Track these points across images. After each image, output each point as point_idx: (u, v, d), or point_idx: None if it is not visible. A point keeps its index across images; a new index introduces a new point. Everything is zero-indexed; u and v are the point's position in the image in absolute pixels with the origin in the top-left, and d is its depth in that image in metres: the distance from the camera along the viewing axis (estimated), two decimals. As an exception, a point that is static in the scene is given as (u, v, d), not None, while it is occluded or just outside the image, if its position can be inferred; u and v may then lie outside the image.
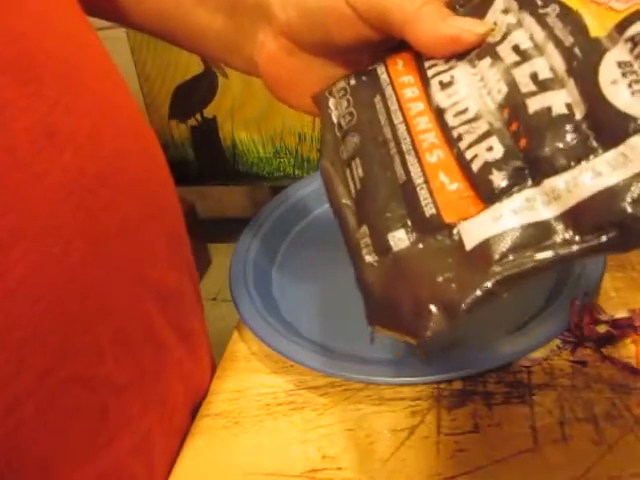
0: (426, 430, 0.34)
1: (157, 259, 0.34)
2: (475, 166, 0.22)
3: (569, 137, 0.20)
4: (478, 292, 0.19)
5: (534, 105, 0.22)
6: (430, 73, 0.27)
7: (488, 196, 0.21)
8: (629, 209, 0.18)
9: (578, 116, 0.21)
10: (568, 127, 0.21)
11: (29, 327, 0.25)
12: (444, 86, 0.26)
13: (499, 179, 0.21)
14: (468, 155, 0.23)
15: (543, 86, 0.22)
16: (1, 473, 0.26)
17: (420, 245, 0.22)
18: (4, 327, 0.24)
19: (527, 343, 0.35)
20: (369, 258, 0.23)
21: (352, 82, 0.30)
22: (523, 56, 0.23)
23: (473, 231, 0.21)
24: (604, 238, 0.18)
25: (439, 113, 0.25)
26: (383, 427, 0.34)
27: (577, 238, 0.19)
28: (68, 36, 0.29)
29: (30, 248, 0.25)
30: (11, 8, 0.25)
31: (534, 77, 0.22)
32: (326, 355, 0.38)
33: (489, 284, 0.19)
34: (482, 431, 0.33)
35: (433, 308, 0.20)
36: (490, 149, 0.22)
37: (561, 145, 0.20)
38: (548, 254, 0.19)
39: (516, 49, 0.24)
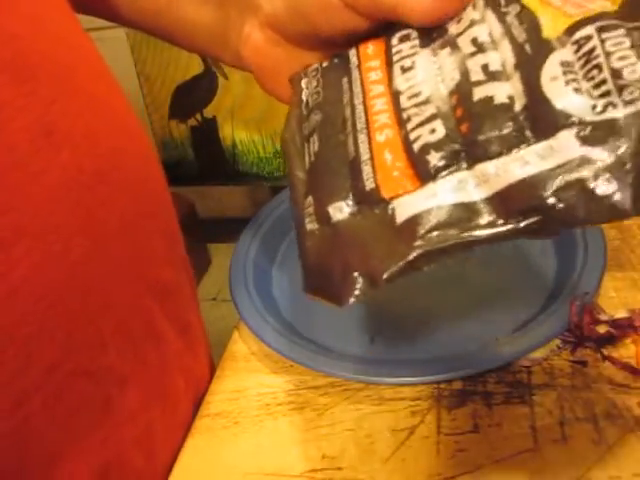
0: (426, 430, 0.34)
1: (155, 255, 0.34)
2: (416, 146, 0.23)
3: (506, 126, 0.21)
4: (400, 263, 0.20)
5: (479, 93, 0.23)
6: (395, 58, 0.27)
7: (424, 175, 0.22)
8: (549, 197, 0.19)
9: (517, 107, 0.21)
10: (506, 116, 0.21)
11: (35, 323, 0.25)
12: (404, 70, 0.26)
13: (435, 159, 0.22)
14: (412, 136, 0.23)
15: (491, 77, 0.23)
16: (9, 467, 0.26)
17: (358, 217, 0.23)
18: (11, 324, 0.24)
19: (527, 343, 0.35)
20: (310, 226, 0.24)
21: (325, 64, 0.31)
22: (480, 48, 0.24)
23: (406, 207, 0.22)
24: (525, 223, 0.19)
25: (396, 95, 0.26)
26: (383, 427, 0.34)
27: (500, 221, 0.20)
28: (60, 38, 0.29)
29: (32, 246, 0.25)
30: (3, 9, 0.25)
31: (485, 68, 0.23)
32: (326, 355, 0.38)
33: (410, 257, 0.20)
34: (482, 431, 0.33)
35: (357, 275, 0.21)
36: (433, 131, 0.23)
37: (497, 132, 0.21)
38: (471, 234, 0.20)
39: (474, 41, 0.24)
